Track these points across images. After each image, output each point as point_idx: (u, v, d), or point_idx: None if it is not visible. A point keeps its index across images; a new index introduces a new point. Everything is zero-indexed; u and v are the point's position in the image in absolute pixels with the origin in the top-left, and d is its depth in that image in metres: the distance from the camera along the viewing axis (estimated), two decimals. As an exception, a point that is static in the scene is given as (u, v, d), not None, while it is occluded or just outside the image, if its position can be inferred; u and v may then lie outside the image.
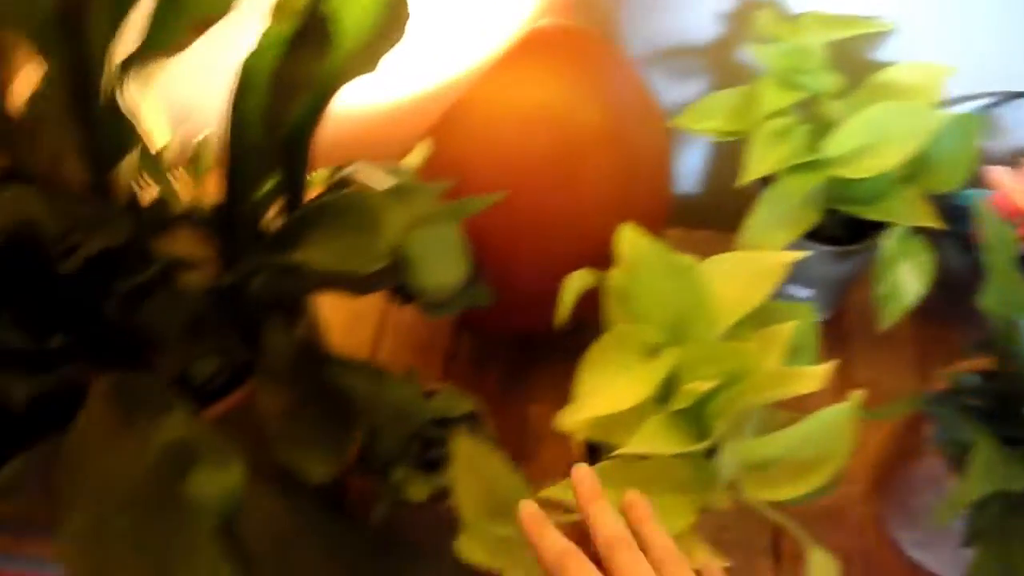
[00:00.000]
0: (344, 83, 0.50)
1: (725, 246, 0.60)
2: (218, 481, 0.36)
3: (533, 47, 0.64)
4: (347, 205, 0.47)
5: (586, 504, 0.38)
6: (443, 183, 0.48)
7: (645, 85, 0.66)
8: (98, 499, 0.38)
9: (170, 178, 0.62)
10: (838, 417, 0.49)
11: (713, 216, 0.90)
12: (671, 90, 0.81)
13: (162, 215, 0.58)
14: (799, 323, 0.56)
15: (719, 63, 0.80)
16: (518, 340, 0.78)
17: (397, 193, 0.46)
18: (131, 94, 0.52)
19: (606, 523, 0.37)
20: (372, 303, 0.80)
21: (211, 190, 0.64)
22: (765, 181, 0.69)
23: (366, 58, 0.48)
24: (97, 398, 0.46)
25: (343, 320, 0.79)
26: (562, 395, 0.76)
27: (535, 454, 0.71)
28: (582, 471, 0.39)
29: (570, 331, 0.80)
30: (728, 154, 0.89)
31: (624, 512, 0.39)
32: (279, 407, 0.48)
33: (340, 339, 0.74)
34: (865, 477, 0.69)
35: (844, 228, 0.74)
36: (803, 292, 0.75)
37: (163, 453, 0.38)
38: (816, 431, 0.50)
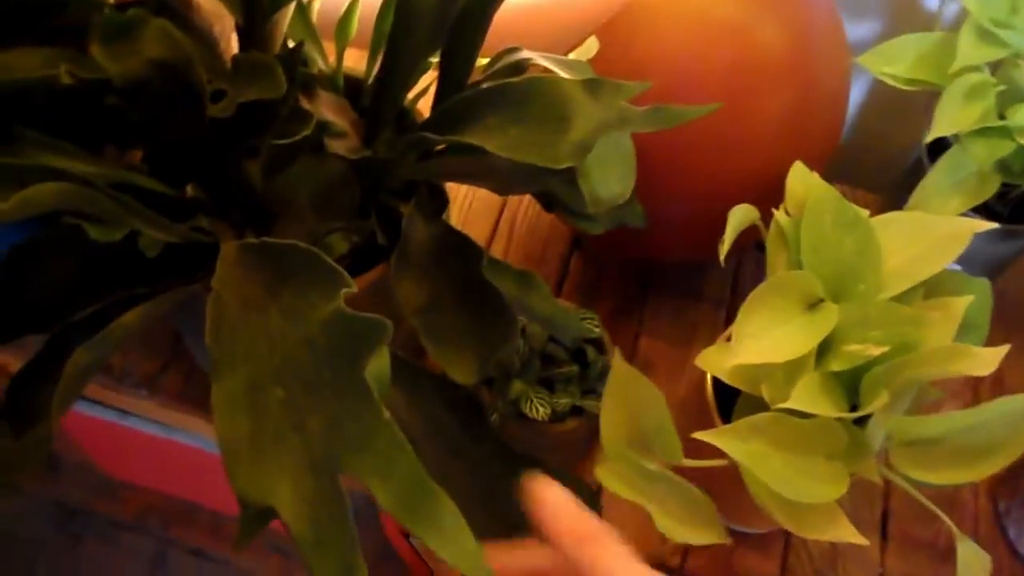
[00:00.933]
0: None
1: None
2: (384, 364, 0.33)
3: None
4: (533, 91, 0.42)
5: None
6: (642, 83, 0.43)
7: (838, 16, 0.60)
8: (248, 366, 0.35)
9: (317, 39, 0.58)
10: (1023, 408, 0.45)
11: (849, 172, 0.84)
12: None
13: (307, 77, 0.54)
14: (975, 299, 0.51)
15: (901, 5, 0.73)
16: (631, 271, 0.74)
17: (591, 87, 0.42)
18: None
19: None
20: (487, 208, 0.76)
21: (348, 63, 0.60)
22: (935, 148, 0.63)
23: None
24: (232, 258, 0.43)
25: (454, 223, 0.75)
26: (674, 332, 0.73)
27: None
28: None
29: (688, 269, 0.76)
30: (872, 108, 0.83)
31: None
32: (422, 299, 0.45)
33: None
34: (987, 471, 0.65)
35: (1004, 205, 0.69)
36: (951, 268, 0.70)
37: (327, 328, 0.34)
38: (996, 418, 0.45)
